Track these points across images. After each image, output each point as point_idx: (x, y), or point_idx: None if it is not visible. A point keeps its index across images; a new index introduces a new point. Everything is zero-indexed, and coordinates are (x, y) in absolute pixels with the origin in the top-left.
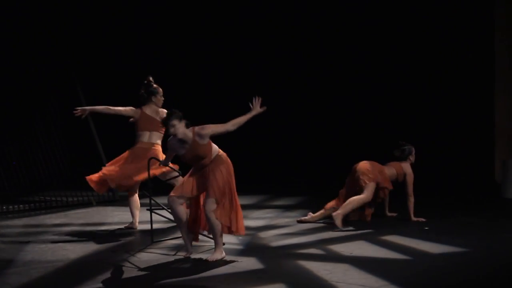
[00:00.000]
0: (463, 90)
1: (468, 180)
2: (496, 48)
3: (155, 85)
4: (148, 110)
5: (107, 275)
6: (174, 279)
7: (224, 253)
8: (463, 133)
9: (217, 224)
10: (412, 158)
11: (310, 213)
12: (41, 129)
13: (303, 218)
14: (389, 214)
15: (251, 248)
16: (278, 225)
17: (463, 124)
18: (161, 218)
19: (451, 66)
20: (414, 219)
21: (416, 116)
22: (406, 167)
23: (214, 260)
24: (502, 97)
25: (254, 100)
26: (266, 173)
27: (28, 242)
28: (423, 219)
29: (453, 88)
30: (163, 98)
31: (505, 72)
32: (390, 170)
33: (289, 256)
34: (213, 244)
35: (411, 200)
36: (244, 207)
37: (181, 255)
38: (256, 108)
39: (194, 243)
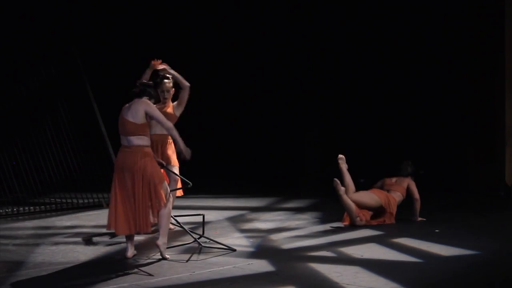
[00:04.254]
0: (473, 91)
1: (478, 182)
2: (506, 49)
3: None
4: None
5: (118, 277)
6: (184, 282)
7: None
8: (474, 134)
9: None
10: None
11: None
12: (51, 130)
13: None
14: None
15: (262, 251)
16: (289, 228)
17: (474, 126)
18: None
19: (460, 68)
20: (417, 218)
21: (425, 118)
22: (407, 181)
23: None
24: None
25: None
26: (277, 175)
27: (38, 244)
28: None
29: (463, 88)
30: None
31: None
32: (396, 195)
33: (300, 259)
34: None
35: (419, 203)
36: (255, 209)
37: (193, 259)
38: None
39: (204, 245)
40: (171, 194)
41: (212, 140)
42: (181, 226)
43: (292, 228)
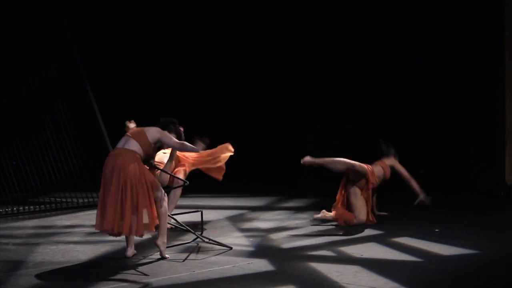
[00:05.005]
0: (473, 90)
1: (478, 182)
2: (506, 48)
3: None
4: None
5: (118, 276)
6: (183, 282)
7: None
8: (474, 134)
9: None
10: (395, 156)
11: (324, 210)
12: (51, 129)
13: (316, 216)
14: (378, 212)
15: (261, 250)
16: (289, 227)
17: (473, 125)
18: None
19: (460, 67)
20: (421, 194)
21: (426, 117)
22: (390, 161)
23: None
24: None
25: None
26: (277, 174)
27: (38, 244)
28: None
29: (463, 88)
30: None
31: None
32: (376, 168)
33: (299, 258)
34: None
35: (412, 180)
36: (255, 208)
37: (193, 258)
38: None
39: (203, 244)
40: (175, 195)
41: (212, 140)
42: (181, 225)
43: (292, 227)
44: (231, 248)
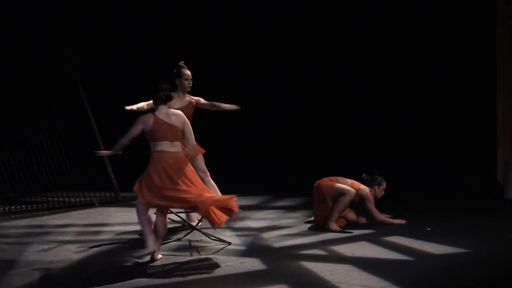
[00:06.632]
0: (465, 90)
1: (470, 181)
2: (498, 48)
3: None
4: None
5: (110, 276)
6: (175, 280)
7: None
8: (466, 133)
9: None
10: (378, 190)
11: None
12: (43, 129)
13: (310, 218)
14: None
15: (253, 249)
16: (281, 226)
17: (466, 125)
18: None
19: (453, 67)
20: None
21: (418, 116)
22: (365, 190)
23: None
24: (505, 98)
25: None
26: (269, 173)
27: (30, 243)
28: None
29: (455, 88)
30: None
31: (508, 72)
32: (344, 181)
33: (291, 257)
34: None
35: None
36: (247, 207)
37: (186, 258)
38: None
39: (196, 243)
40: None
41: (205, 139)
42: (184, 221)
43: (284, 226)
44: (229, 243)
